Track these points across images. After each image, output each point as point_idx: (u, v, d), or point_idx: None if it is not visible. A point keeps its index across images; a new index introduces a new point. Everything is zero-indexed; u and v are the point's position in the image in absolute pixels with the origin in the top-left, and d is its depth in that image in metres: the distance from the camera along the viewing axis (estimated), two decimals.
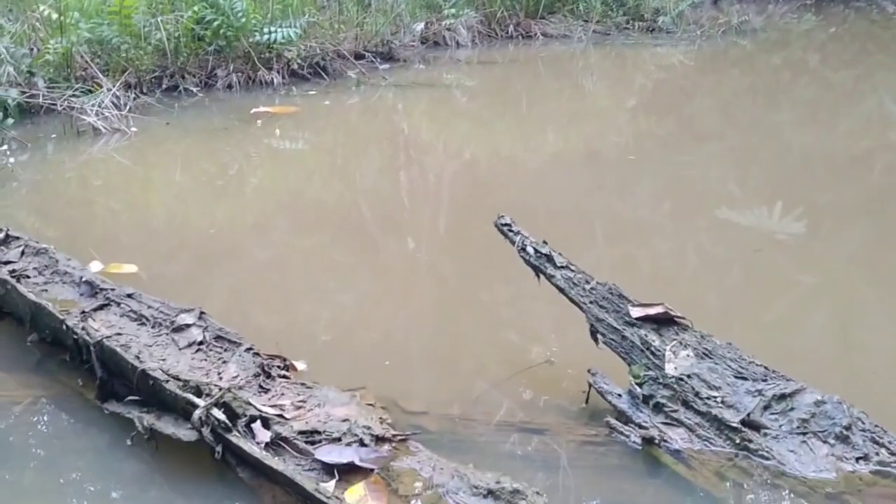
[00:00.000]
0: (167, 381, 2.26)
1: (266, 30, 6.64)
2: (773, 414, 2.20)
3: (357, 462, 2.10)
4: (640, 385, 2.34)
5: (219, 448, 2.10)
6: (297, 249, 4.01)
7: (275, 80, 6.65)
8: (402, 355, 2.92)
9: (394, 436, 2.22)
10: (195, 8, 6.40)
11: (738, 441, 2.16)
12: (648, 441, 2.19)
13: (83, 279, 2.98)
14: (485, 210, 2.85)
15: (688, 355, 2.34)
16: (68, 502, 2.10)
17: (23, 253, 3.20)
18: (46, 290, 2.95)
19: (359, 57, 7.31)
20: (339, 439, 2.18)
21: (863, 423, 2.18)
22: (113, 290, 2.91)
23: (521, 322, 3.17)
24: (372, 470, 2.08)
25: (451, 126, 6.49)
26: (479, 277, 3.56)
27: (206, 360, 2.55)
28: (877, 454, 2.12)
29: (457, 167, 5.50)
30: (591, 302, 2.56)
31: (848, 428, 2.15)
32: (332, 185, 5.12)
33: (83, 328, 2.57)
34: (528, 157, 5.63)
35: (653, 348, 2.39)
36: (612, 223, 4.30)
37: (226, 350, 2.58)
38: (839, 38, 10.17)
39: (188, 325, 2.69)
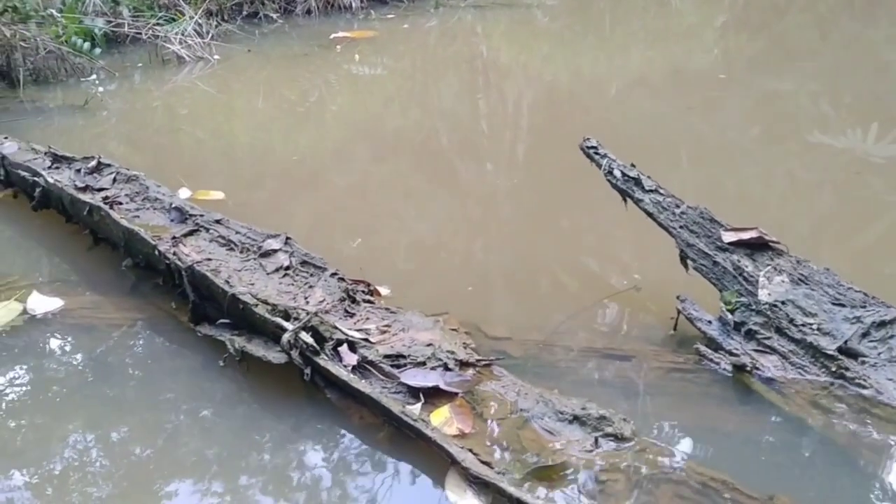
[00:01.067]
0: (256, 304, 2.30)
1: None
2: (871, 342, 2.11)
3: (442, 386, 2.11)
4: (731, 311, 2.28)
5: (307, 370, 2.14)
6: (377, 176, 4.02)
7: (353, 4, 6.59)
8: (484, 281, 2.91)
9: (478, 360, 2.22)
10: None
11: (833, 369, 2.09)
12: (740, 368, 2.14)
13: (173, 205, 3.05)
14: (566, 134, 2.78)
15: (782, 281, 2.26)
16: (165, 419, 2.18)
17: (114, 180, 3.28)
18: (138, 216, 3.03)
19: None
20: (423, 363, 2.20)
21: None
22: (202, 216, 2.97)
23: (605, 248, 3.11)
24: (456, 394, 2.10)
25: (532, 48, 6.34)
26: (561, 203, 3.51)
27: (293, 284, 2.59)
28: None
29: (537, 90, 5.38)
30: (680, 226, 2.48)
31: None
32: (410, 110, 5.09)
33: (174, 253, 2.63)
34: (611, 79, 5.47)
35: (745, 274, 2.32)
36: (699, 146, 4.16)
37: (311, 275, 2.61)
38: None
39: (275, 251, 2.73)
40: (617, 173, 2.60)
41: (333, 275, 2.57)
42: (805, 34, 6.51)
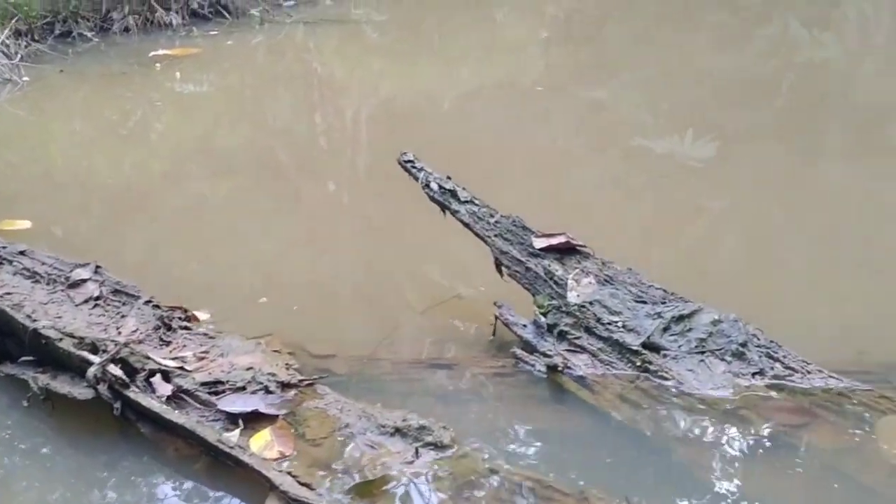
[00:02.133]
0: (60, 339, 2.18)
1: None
2: (672, 335, 2.24)
3: (262, 409, 2.07)
4: (544, 314, 2.36)
5: (117, 405, 2.05)
6: (213, 196, 3.91)
7: (174, 21, 6.39)
8: (311, 299, 2.88)
9: (300, 381, 2.19)
10: None
11: (638, 363, 2.21)
12: (552, 368, 2.22)
13: None
14: (404, 147, 2.80)
15: (590, 282, 2.37)
16: None
17: None
18: None
19: None
20: (243, 388, 2.15)
21: (758, 339, 2.24)
22: (4, 247, 2.78)
23: (431, 259, 3.16)
24: (277, 416, 2.06)
25: (364, 63, 6.36)
26: (391, 217, 3.53)
27: (103, 315, 2.47)
28: (772, 369, 2.19)
29: (374, 105, 5.40)
30: (495, 235, 2.55)
31: (744, 345, 2.21)
32: (242, 128, 4.99)
33: None
34: (444, 92, 5.57)
35: (556, 277, 2.41)
36: (530, 155, 4.29)
37: (124, 304, 2.51)
38: None
39: (84, 281, 2.60)
40: (434, 186, 2.65)
41: (147, 302, 2.47)
42: (625, 46, 6.87)
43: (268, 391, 2.14)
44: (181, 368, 2.21)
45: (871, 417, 2.04)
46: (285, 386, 2.17)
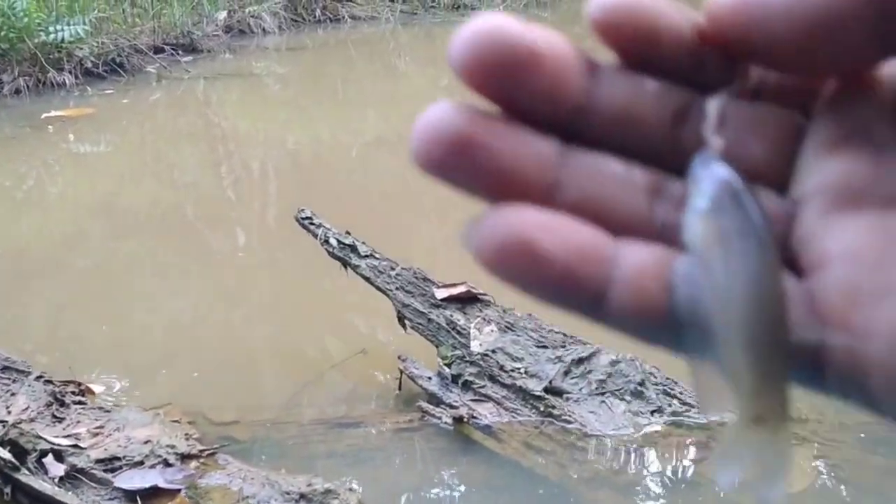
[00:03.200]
0: None
1: (52, 28, 6.21)
2: (572, 378, 2.28)
3: (161, 484, 2.01)
4: (448, 365, 2.37)
5: (7, 489, 1.95)
6: (119, 256, 3.80)
7: (67, 81, 6.24)
8: (214, 363, 2.82)
9: (201, 451, 2.14)
10: None
11: (542, 409, 2.23)
12: (458, 420, 2.23)
13: None
14: (316, 197, 2.81)
15: (491, 330, 2.39)
16: None
17: None
18: None
19: (158, 51, 6.99)
20: (141, 463, 2.08)
21: (655, 377, 2.30)
22: None
23: (338, 316, 3.13)
24: (178, 490, 2.00)
25: (268, 115, 6.34)
26: (299, 274, 3.50)
27: None
28: (669, 405, 2.25)
29: (281, 156, 5.37)
30: (396, 288, 2.56)
31: (642, 384, 2.26)
32: (145, 186, 4.89)
33: None
34: (351, 141, 5.59)
35: (458, 327, 2.43)
36: (437, 202, 4.33)
37: (14, 381, 2.40)
38: None
39: None
40: (333, 242, 2.65)
41: (39, 378, 2.38)
42: None
43: (167, 464, 2.07)
44: (75, 446, 2.12)
45: None
46: (185, 457, 2.11)
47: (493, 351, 2.35)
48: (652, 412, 2.22)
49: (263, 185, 4.95)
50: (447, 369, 2.36)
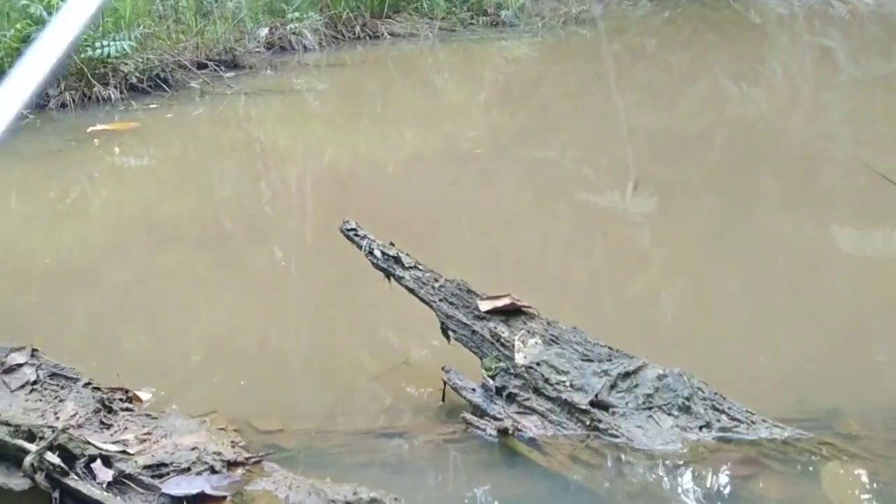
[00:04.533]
0: None
1: (98, 44, 6.33)
2: (619, 392, 2.26)
3: (208, 491, 2.02)
4: (492, 377, 2.36)
5: (56, 494, 1.97)
6: (158, 268, 3.85)
7: (112, 96, 6.35)
8: (257, 373, 2.84)
9: (247, 458, 2.15)
10: (17, 26, 6.04)
11: (588, 423, 2.21)
12: (503, 432, 2.21)
13: None
14: (352, 212, 2.82)
15: (536, 343, 2.38)
16: None
17: None
18: None
19: (201, 66, 7.09)
20: (188, 469, 2.09)
21: (703, 392, 2.27)
22: None
23: (379, 325, 3.14)
24: (224, 497, 2.01)
25: (307, 131, 6.40)
26: (339, 283, 3.52)
27: (41, 400, 2.40)
28: (718, 421, 2.22)
29: (317, 172, 5.42)
30: (440, 300, 2.56)
31: (689, 398, 2.23)
32: (186, 199, 4.95)
33: None
34: (388, 157, 5.62)
35: (502, 340, 2.42)
36: (476, 217, 4.34)
37: (62, 388, 2.43)
38: (673, 22, 10.65)
39: (20, 365, 2.52)
40: (377, 253, 2.66)
41: (87, 385, 2.41)
42: (560, 106, 7.03)
43: (213, 471, 2.09)
44: (123, 452, 2.14)
45: (815, 465, 2.07)
46: (231, 465, 2.12)
47: (538, 363, 2.33)
48: (700, 427, 2.19)
49: (302, 199, 4.99)
50: (491, 381, 2.35)
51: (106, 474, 2.04)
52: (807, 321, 3.04)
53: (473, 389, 2.37)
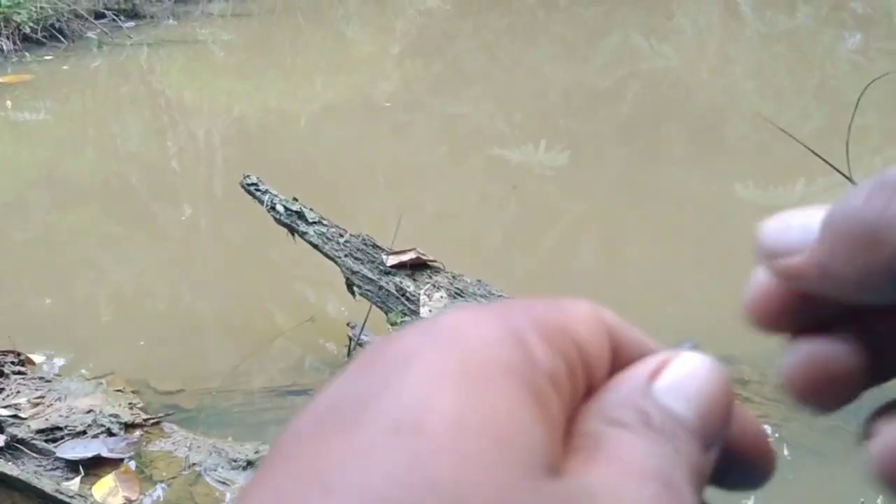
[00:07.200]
0: None
1: None
2: None
3: (104, 454, 1.97)
4: None
5: None
6: (62, 226, 3.70)
7: (5, 47, 6.02)
8: (162, 333, 2.76)
9: (145, 420, 2.10)
10: None
11: None
12: None
13: None
14: (262, 167, 2.74)
15: (441, 297, 2.37)
16: None
17: None
18: None
19: (99, 16, 6.78)
20: (83, 433, 2.03)
21: None
22: None
23: (288, 284, 3.10)
24: (121, 460, 1.96)
25: (214, 84, 6.20)
26: (247, 240, 3.44)
27: None
28: None
29: (227, 126, 5.26)
30: (345, 255, 2.52)
31: None
32: (88, 155, 4.76)
33: None
34: (299, 110, 5.50)
35: (408, 294, 2.41)
36: (389, 171, 4.29)
37: None
38: None
39: None
40: (280, 208, 2.60)
41: None
42: (475, 59, 6.99)
43: (110, 434, 2.03)
44: (15, 416, 2.07)
45: None
46: (129, 427, 2.07)
47: None
48: None
49: (209, 155, 4.85)
50: None
51: None
52: (710, 271, 3.12)
53: None
